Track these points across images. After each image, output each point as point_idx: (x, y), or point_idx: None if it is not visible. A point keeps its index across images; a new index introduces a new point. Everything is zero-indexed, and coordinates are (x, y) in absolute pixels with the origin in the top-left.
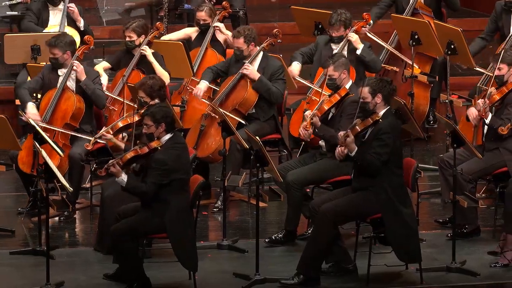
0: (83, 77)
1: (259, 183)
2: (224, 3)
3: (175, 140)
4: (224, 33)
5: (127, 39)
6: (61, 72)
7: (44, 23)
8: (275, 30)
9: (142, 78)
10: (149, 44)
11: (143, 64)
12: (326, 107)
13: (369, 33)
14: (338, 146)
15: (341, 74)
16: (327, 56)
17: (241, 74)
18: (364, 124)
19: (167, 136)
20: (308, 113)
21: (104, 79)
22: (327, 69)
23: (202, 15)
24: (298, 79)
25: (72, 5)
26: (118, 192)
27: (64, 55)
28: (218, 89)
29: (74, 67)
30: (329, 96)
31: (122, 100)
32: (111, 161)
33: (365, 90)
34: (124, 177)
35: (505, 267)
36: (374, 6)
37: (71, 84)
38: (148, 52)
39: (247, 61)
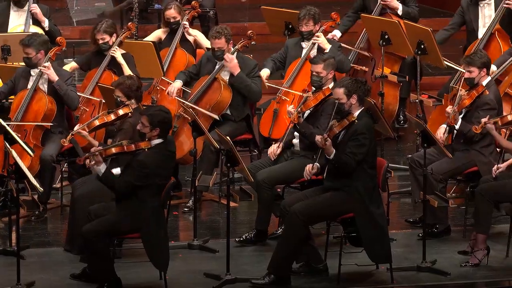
0: (55, 78)
1: (229, 183)
2: (193, 2)
3: (164, 146)
4: (191, 34)
5: (100, 41)
6: (34, 72)
7: (2, 25)
8: (249, 32)
9: (120, 77)
10: (121, 44)
11: (115, 64)
12: (312, 104)
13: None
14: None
15: (328, 74)
16: (297, 56)
17: (214, 77)
18: (341, 125)
19: (158, 141)
20: (291, 108)
21: None
22: (316, 66)
23: (171, 13)
24: (266, 83)
25: (34, 5)
26: (89, 192)
27: (38, 54)
28: (189, 91)
29: (45, 71)
30: (313, 93)
31: (98, 100)
32: (94, 149)
33: (341, 91)
34: (102, 167)
35: (476, 266)
36: (344, 16)
37: (43, 85)
38: (118, 54)
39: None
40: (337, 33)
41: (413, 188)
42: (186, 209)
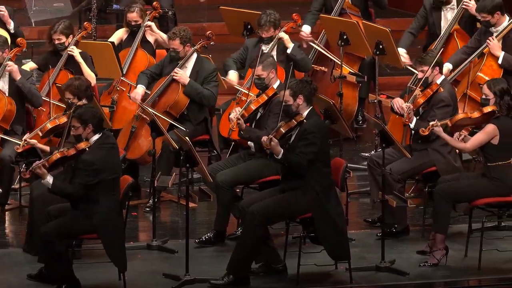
0: (18, 76)
1: (188, 184)
2: (154, 3)
3: (103, 140)
4: (155, 32)
5: (56, 42)
6: None
7: None
8: (208, 32)
9: (68, 79)
10: (76, 44)
11: (71, 64)
12: (253, 107)
13: (315, 43)
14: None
15: (269, 74)
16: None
17: (172, 77)
18: (289, 125)
19: (96, 137)
20: (233, 115)
21: None
22: (255, 69)
23: (133, 16)
24: (237, 87)
25: (2, 7)
26: (47, 192)
27: (3, 54)
28: (149, 92)
29: (8, 68)
30: (257, 96)
31: (51, 101)
32: (36, 162)
33: (286, 93)
34: (49, 179)
35: (434, 266)
36: (307, 13)
37: (3, 86)
38: (76, 52)
39: (180, 63)
40: (306, 29)
41: (372, 188)
42: (147, 209)
